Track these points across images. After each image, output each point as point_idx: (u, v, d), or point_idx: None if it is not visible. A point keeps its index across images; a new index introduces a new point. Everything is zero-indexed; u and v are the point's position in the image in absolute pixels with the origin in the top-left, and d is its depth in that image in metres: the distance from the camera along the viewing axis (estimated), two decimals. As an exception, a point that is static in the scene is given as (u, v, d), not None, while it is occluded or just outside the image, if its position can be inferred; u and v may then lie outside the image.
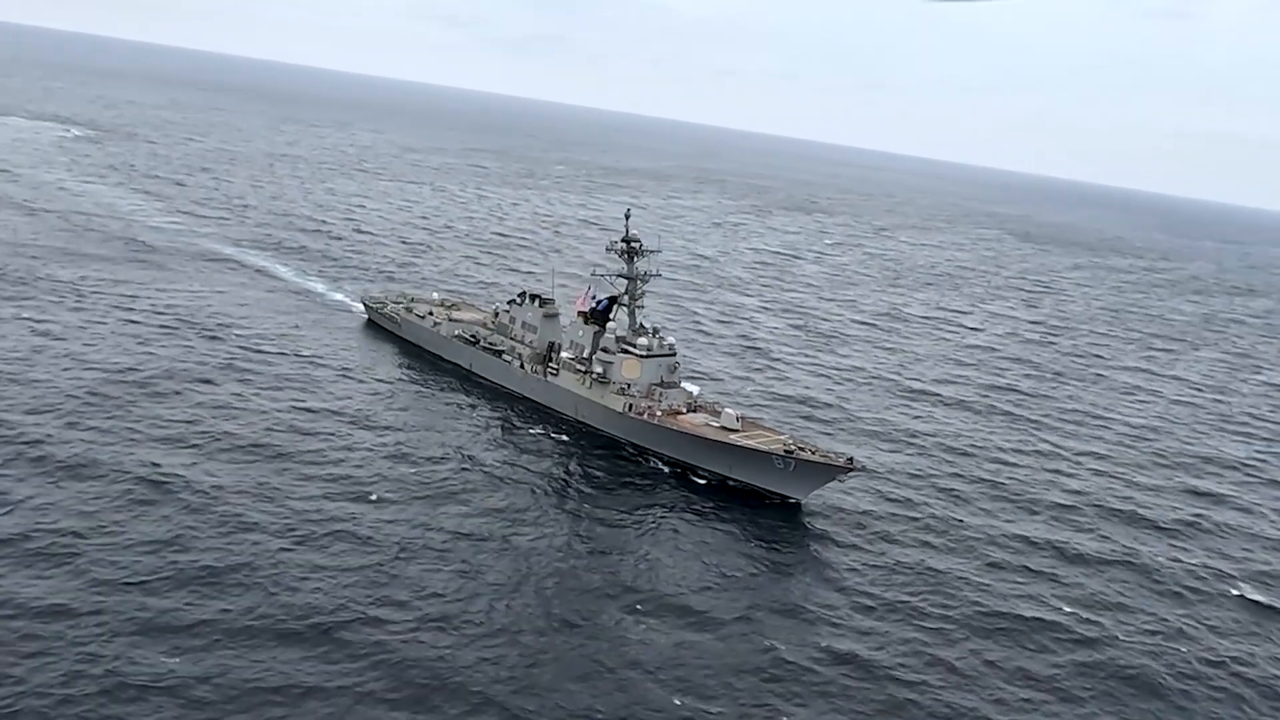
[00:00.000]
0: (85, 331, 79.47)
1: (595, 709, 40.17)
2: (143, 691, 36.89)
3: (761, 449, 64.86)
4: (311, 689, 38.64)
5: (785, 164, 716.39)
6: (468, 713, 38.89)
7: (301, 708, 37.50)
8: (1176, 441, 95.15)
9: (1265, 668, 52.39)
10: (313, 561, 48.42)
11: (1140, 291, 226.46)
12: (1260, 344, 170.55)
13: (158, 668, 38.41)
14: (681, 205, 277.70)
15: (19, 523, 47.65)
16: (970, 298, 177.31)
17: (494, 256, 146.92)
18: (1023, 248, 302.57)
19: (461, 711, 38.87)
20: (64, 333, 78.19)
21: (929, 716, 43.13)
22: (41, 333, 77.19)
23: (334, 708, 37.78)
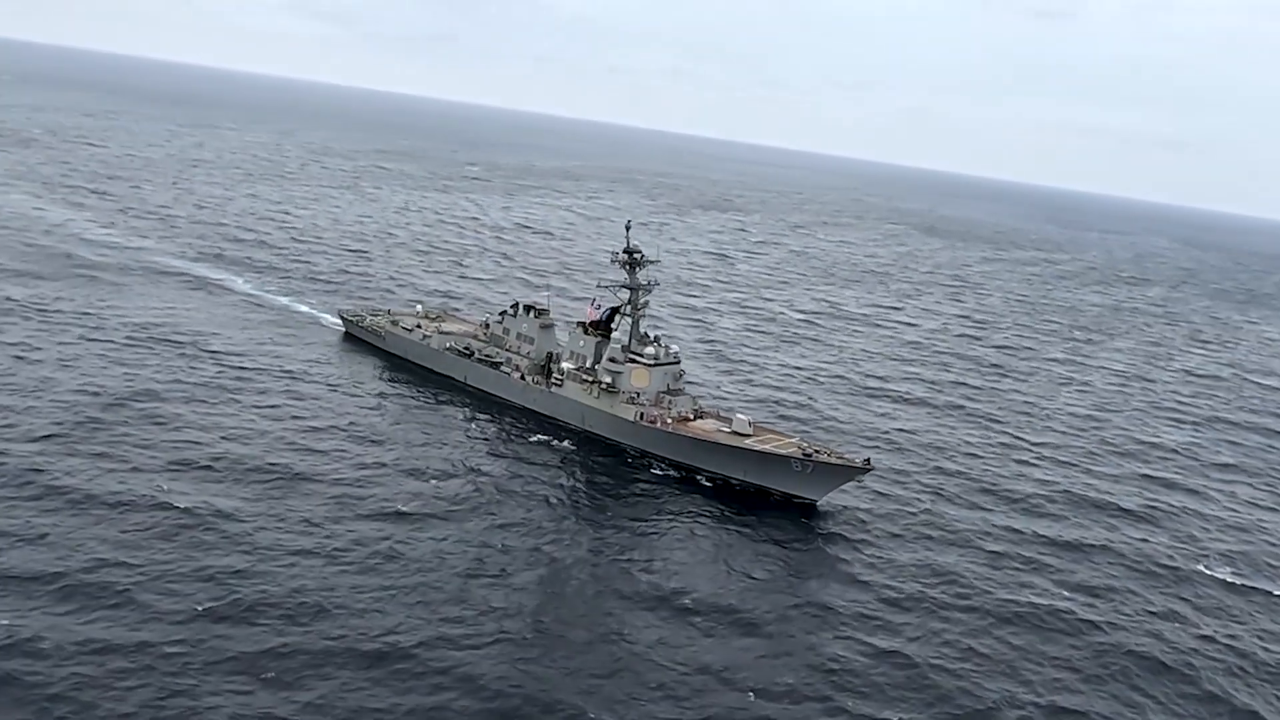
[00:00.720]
0: (59, 353, 77.18)
1: (685, 713, 41.79)
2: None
3: (780, 453, 67.24)
4: (410, 711, 39.30)
5: (688, 162, 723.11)
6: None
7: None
8: (1118, 430, 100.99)
9: (1250, 640, 56.95)
10: (370, 584, 48.77)
11: (1047, 284, 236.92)
12: (1167, 331, 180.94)
13: (247, 699, 38.60)
14: (604, 205, 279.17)
15: (58, 558, 46.79)
16: (896, 294, 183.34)
17: (443, 264, 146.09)
18: (930, 242, 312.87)
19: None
20: (39, 355, 75.83)
21: (976, 702, 45.94)
22: (14, 356, 74.69)
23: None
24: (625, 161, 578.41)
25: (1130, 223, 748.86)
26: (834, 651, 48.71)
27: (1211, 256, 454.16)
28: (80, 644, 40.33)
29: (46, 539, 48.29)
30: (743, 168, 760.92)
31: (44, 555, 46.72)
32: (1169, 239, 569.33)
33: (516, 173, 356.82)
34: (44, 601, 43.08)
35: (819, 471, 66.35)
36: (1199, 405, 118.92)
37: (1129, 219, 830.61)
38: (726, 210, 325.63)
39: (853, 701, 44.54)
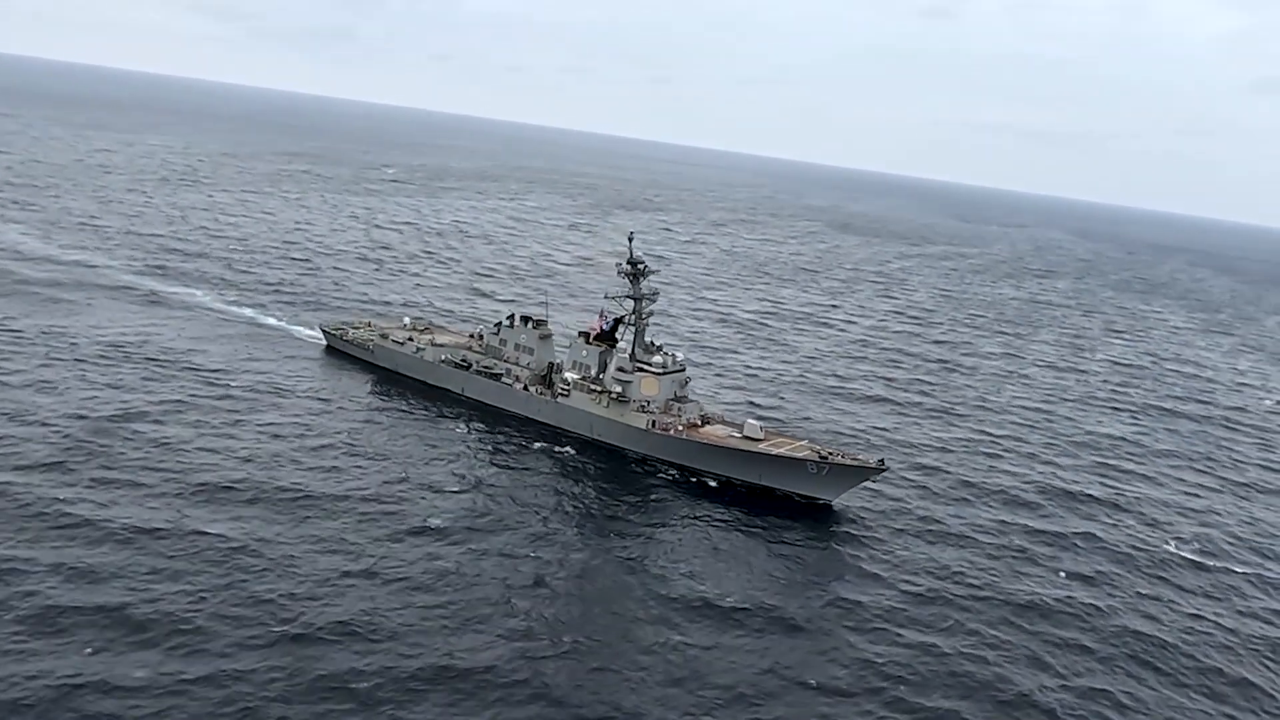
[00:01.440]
0: (35, 376, 75.08)
1: (764, 714, 43.78)
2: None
3: (797, 456, 69.92)
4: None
5: (597, 161, 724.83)
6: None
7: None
8: (1066, 422, 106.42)
9: (1232, 618, 61.62)
10: (426, 601, 49.49)
11: (964, 278, 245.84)
12: (1083, 322, 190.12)
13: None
14: (530, 207, 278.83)
15: (117, 591, 46.29)
16: (829, 291, 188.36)
17: (393, 271, 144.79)
18: (847, 239, 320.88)
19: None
20: (10, 379, 73.61)
21: (1011, 686, 49.06)
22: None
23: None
24: (536, 161, 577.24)
25: (1024, 216, 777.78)
26: (876, 647, 51.30)
27: (1105, 248, 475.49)
28: (167, 675, 40.29)
29: (96, 572, 47.68)
30: (650, 165, 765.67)
31: (101, 589, 46.18)
32: (1063, 231, 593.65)
33: (434, 174, 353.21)
34: (115, 635, 42.76)
35: (834, 473, 69.25)
36: (1130, 394, 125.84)
37: (1022, 212, 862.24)
38: (647, 210, 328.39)
39: (905, 690, 47.21)
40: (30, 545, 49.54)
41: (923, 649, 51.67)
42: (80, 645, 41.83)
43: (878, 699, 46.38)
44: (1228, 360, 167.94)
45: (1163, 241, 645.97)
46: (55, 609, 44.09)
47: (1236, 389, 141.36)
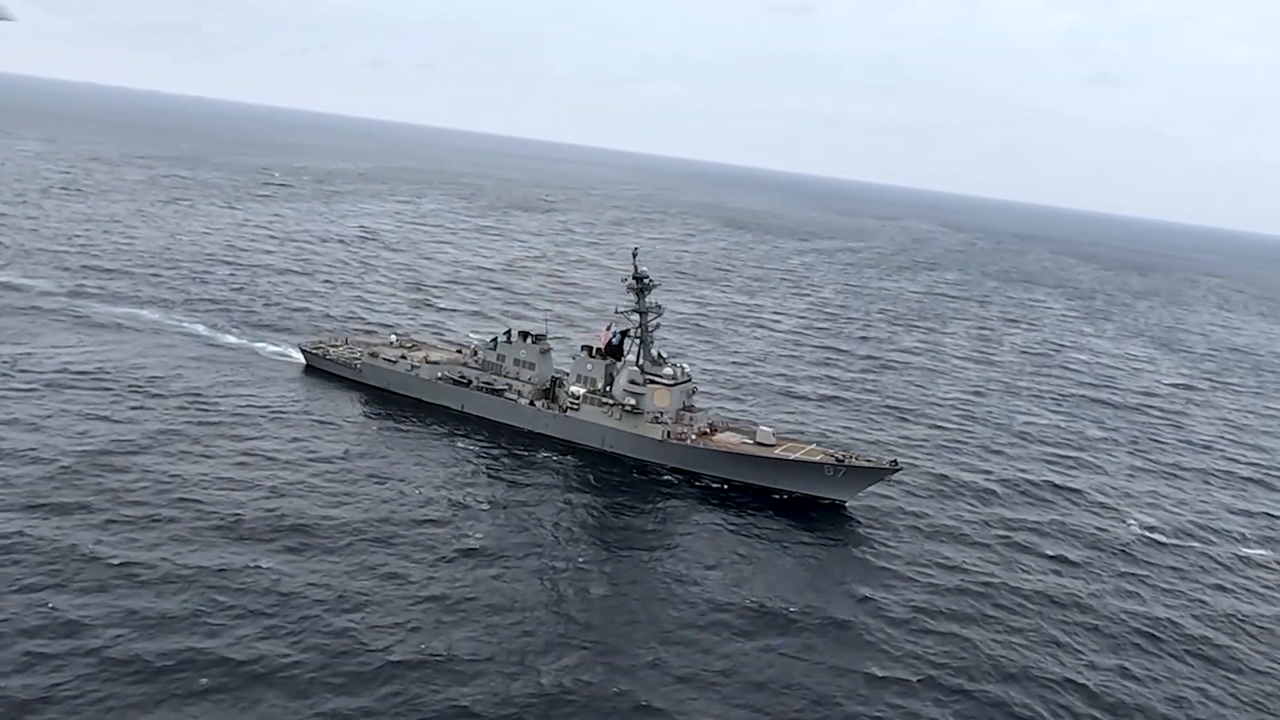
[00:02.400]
0: (14, 407, 71.87)
1: (864, 712, 46.45)
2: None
3: (814, 460, 73.21)
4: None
5: (472, 159, 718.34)
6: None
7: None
8: (1001, 415, 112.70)
9: (1209, 591, 67.68)
10: (502, 623, 50.36)
11: (861, 273, 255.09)
12: (981, 313, 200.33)
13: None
14: (427, 209, 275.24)
15: (200, 641, 45.54)
16: (745, 290, 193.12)
17: (329, 283, 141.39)
18: (741, 236, 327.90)
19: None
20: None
21: (1046, 671, 53.22)
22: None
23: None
24: (415, 161, 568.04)
25: (889, 208, 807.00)
26: (920, 643, 54.71)
27: (974, 238, 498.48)
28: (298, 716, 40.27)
29: (171, 619, 46.79)
30: (523, 163, 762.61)
31: (183, 636, 45.42)
32: (930, 222, 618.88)
33: (319, 178, 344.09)
34: (230, 681, 42.36)
35: (850, 475, 72.86)
36: (1047, 384, 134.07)
37: (885, 204, 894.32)
38: (544, 210, 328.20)
39: (961, 680, 50.73)
40: (84, 594, 48.13)
41: (954, 639, 55.39)
42: (197, 695, 41.28)
43: (940, 693, 49.67)
44: (1117, 346, 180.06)
45: (1022, 231, 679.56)
46: (143, 660, 43.22)
47: (1133, 373, 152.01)
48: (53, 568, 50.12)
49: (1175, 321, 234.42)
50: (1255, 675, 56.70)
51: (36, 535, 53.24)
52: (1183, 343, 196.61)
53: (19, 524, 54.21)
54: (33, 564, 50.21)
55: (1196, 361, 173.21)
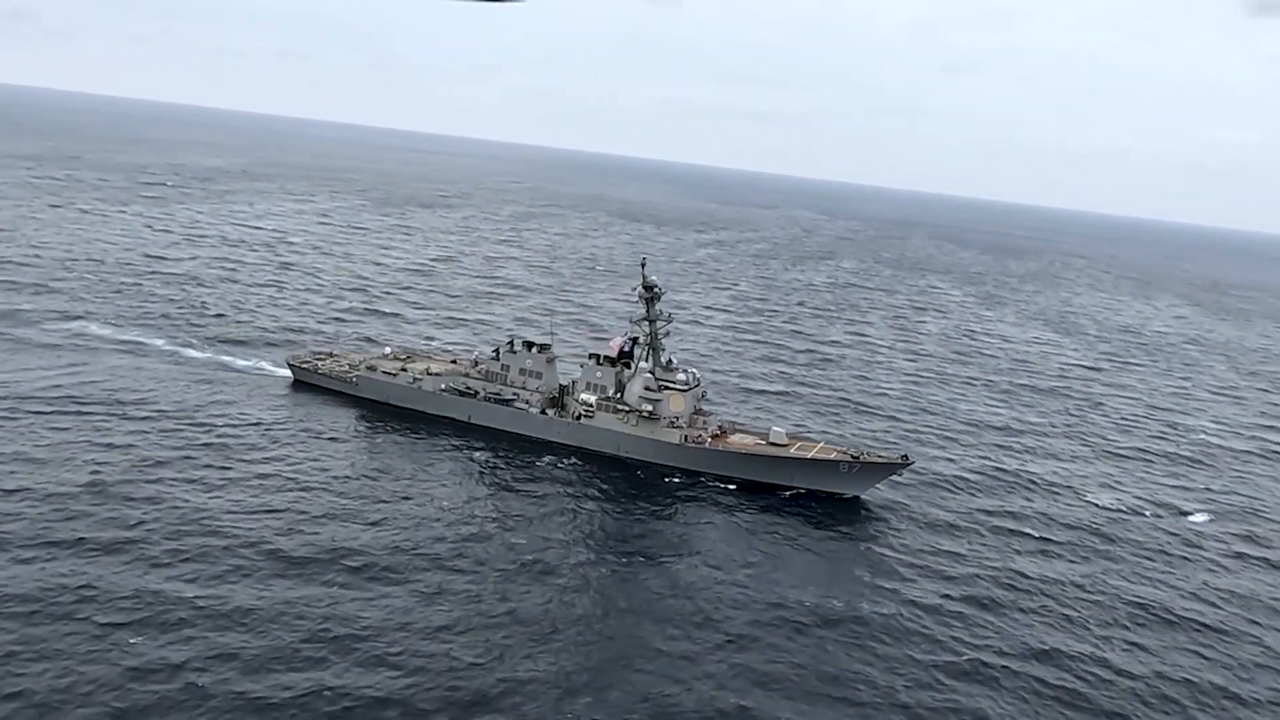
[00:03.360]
0: (6, 436, 68.77)
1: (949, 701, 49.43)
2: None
3: (830, 458, 76.97)
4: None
5: (352, 152, 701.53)
6: None
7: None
8: (946, 405, 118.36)
9: (1178, 565, 73.55)
10: (575, 640, 51.54)
11: (766, 264, 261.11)
12: (891, 302, 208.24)
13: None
14: (324, 207, 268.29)
15: (286, 676, 45.36)
16: (668, 286, 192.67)
17: (253, 290, 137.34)
18: (642, 228, 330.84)
19: None
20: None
21: (1069, 647, 57.53)
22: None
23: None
24: (292, 155, 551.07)
25: (768, 196, 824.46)
26: (954, 627, 58.32)
27: (856, 226, 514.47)
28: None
29: (276, 657, 46.57)
30: (400, 156, 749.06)
31: (300, 676, 45.26)
32: (809, 210, 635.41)
33: (202, 176, 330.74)
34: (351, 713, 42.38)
35: (864, 471, 76.73)
36: (973, 372, 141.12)
37: (764, 192, 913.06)
38: (445, 207, 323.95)
39: (1002, 660, 54.60)
40: (172, 634, 47.29)
41: (984, 622, 59.36)
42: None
43: (981, 679, 53.28)
44: (1021, 330, 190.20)
45: (893, 216, 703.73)
46: (262, 699, 42.92)
47: (1043, 357, 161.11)
48: (130, 609, 49.09)
49: (1062, 304, 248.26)
50: (1239, 637, 62.29)
51: (97, 575, 51.81)
52: (1076, 325, 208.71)
53: (71, 564, 52.71)
54: (111, 607, 49.04)
55: (1093, 343, 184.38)
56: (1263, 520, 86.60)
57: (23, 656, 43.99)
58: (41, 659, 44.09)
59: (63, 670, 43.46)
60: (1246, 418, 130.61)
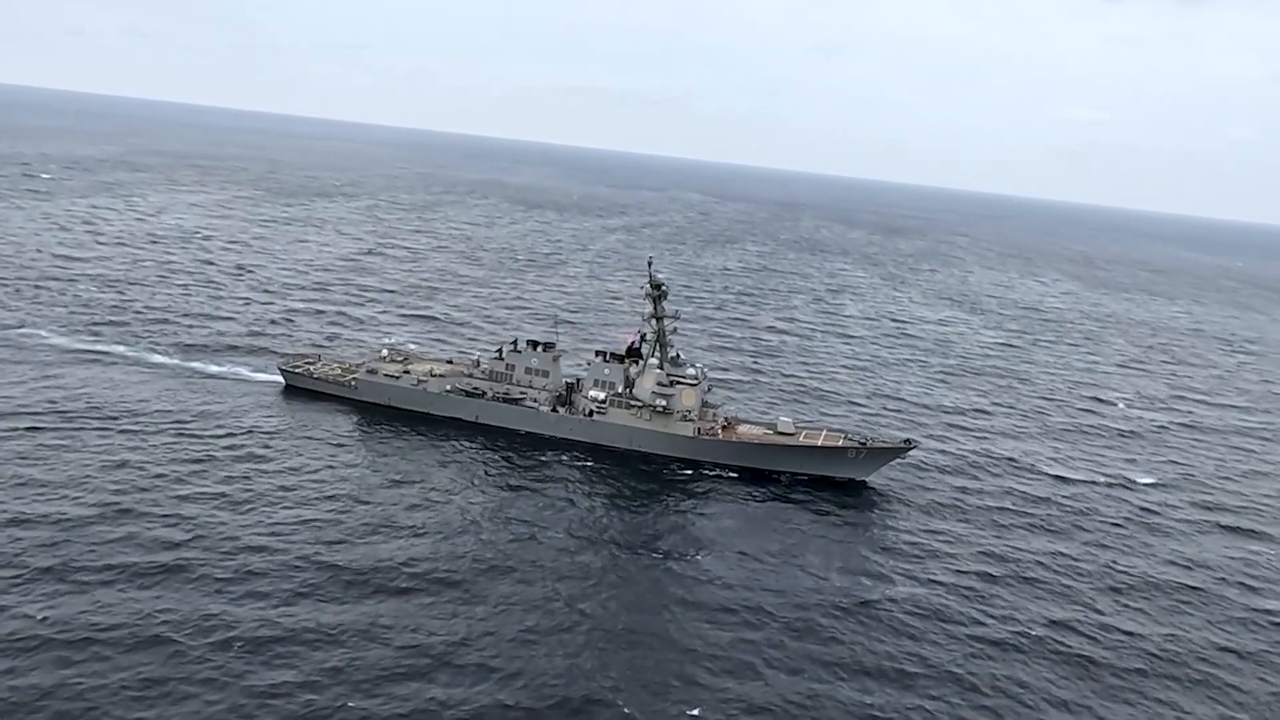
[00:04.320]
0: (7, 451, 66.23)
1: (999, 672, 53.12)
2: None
3: (839, 445, 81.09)
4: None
5: (223, 138, 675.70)
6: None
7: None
8: (894, 388, 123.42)
9: (1141, 534, 79.74)
10: (626, 635, 53.41)
11: (675, 250, 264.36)
12: (806, 285, 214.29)
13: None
14: (221, 199, 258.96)
15: (407, 694, 45.95)
16: (593, 275, 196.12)
17: (202, 292, 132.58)
18: (545, 214, 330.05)
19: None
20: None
21: (1071, 616, 62.43)
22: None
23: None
24: (157, 143, 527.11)
25: (655, 178, 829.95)
26: (979, 601, 62.50)
27: (746, 208, 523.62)
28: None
29: (386, 679, 47.06)
30: (274, 141, 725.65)
31: (416, 691, 46.07)
32: (698, 192, 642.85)
33: (78, 165, 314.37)
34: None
35: (871, 456, 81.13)
36: (905, 353, 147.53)
37: (651, 175, 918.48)
38: (345, 196, 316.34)
39: (1015, 627, 59.07)
40: (266, 657, 47.36)
41: (1002, 596, 63.89)
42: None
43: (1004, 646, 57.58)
44: (932, 310, 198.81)
45: (775, 197, 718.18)
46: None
47: (961, 336, 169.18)
48: (219, 632, 48.89)
49: (961, 283, 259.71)
50: (1217, 597, 68.42)
51: (170, 601, 51.22)
52: (980, 303, 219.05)
53: (136, 592, 51.91)
54: (196, 630, 48.76)
55: (1002, 321, 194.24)
56: (1202, 486, 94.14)
57: (141, 694, 43.43)
58: (160, 694, 43.65)
59: (185, 700, 43.25)
60: (1157, 389, 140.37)
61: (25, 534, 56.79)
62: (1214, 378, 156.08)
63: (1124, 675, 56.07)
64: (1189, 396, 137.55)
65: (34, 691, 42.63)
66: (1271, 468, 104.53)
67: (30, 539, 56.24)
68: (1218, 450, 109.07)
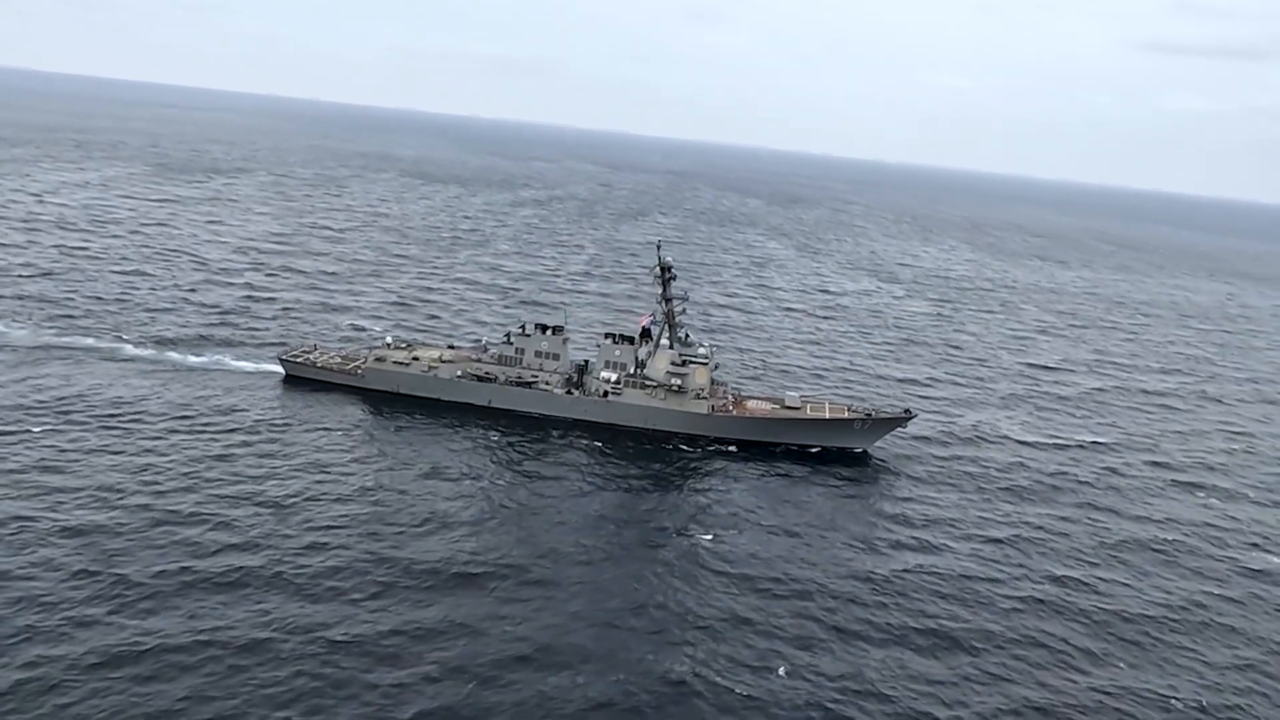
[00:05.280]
0: (37, 453, 64.05)
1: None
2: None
3: (845, 418, 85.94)
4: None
5: (77, 108, 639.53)
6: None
7: None
8: (845, 362, 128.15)
9: (1104, 493, 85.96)
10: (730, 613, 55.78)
11: (597, 224, 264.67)
12: (731, 259, 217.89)
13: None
14: (106, 177, 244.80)
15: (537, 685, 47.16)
16: (521, 254, 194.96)
17: (133, 276, 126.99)
18: (449, 189, 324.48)
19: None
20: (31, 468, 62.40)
21: (1079, 574, 67.71)
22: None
23: None
24: (19, 114, 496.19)
25: (541, 148, 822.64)
26: (988, 560, 66.97)
27: (643, 178, 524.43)
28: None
29: (512, 669, 48.42)
30: (135, 111, 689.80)
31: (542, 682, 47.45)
32: (590, 163, 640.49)
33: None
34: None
35: (874, 426, 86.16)
36: (844, 327, 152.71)
37: (536, 144, 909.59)
38: (234, 172, 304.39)
39: (1033, 587, 64.05)
40: (381, 655, 48.13)
41: (1007, 557, 69.29)
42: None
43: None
44: (851, 280, 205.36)
45: (661, 166, 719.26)
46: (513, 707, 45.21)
47: (887, 306, 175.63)
48: (327, 632, 49.37)
49: (870, 252, 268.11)
50: (1193, 549, 74.81)
51: (271, 607, 51.15)
52: (893, 273, 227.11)
53: (223, 598, 51.83)
54: (310, 637, 49.07)
55: (920, 289, 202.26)
56: (1148, 446, 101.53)
57: (283, 700, 43.68)
58: (298, 698, 44.13)
59: (322, 698, 44.02)
60: (1081, 354, 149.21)
61: (84, 543, 55.71)
62: (1126, 341, 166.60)
63: (1136, 622, 61.51)
64: (1112, 361, 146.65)
65: (184, 701, 42.95)
66: (1203, 425, 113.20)
67: (93, 548, 55.32)
68: (1150, 411, 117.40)
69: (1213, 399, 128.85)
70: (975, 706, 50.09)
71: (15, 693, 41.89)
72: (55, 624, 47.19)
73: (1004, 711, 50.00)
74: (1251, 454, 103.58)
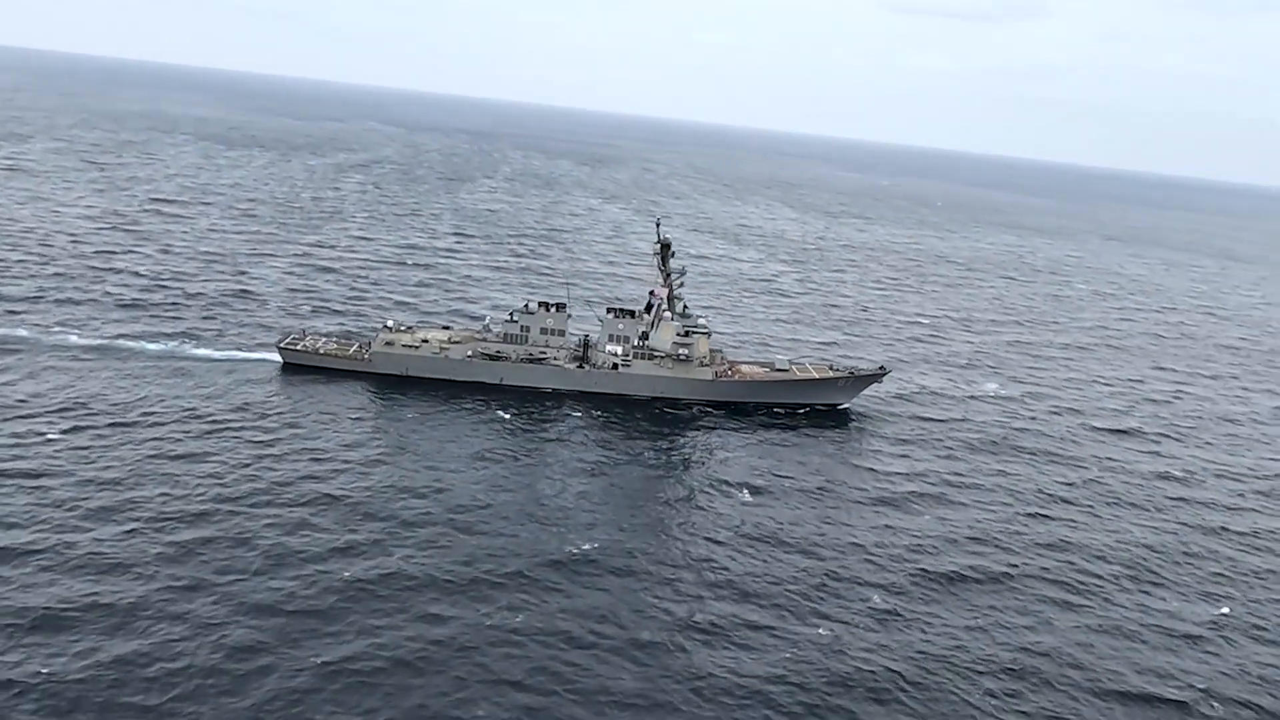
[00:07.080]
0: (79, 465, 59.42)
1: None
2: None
3: (830, 376, 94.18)
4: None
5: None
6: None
7: None
8: (769, 335, 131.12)
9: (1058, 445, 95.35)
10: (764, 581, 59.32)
11: (432, 192, 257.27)
12: (585, 223, 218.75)
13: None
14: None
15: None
16: (383, 228, 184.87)
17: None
18: (255, 154, 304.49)
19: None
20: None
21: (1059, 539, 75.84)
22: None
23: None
24: None
25: (328, 108, 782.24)
26: (969, 504, 74.21)
27: (446, 140, 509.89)
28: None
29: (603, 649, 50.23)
30: None
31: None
32: (376, 121, 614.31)
33: None
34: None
35: (854, 383, 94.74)
36: (730, 291, 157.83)
37: (317, 103, 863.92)
38: (25, 138, 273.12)
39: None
40: (498, 647, 48.82)
41: (987, 503, 77.26)
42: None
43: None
44: (707, 245, 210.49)
45: (466, 127, 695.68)
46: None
47: (773, 278, 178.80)
48: (437, 628, 49.50)
49: (703, 214, 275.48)
50: (1163, 506, 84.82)
51: (391, 647, 49.43)
52: (738, 235, 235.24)
53: (358, 606, 50.70)
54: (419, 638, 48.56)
55: (773, 253, 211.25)
56: (1054, 395, 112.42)
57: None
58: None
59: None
60: (948, 310, 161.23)
61: (162, 540, 54.21)
62: (972, 295, 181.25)
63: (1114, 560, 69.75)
64: (979, 316, 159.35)
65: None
66: (1083, 375, 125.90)
67: (172, 545, 54.43)
68: (1047, 362, 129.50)
69: (1080, 348, 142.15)
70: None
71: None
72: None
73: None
74: (1150, 401, 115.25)
